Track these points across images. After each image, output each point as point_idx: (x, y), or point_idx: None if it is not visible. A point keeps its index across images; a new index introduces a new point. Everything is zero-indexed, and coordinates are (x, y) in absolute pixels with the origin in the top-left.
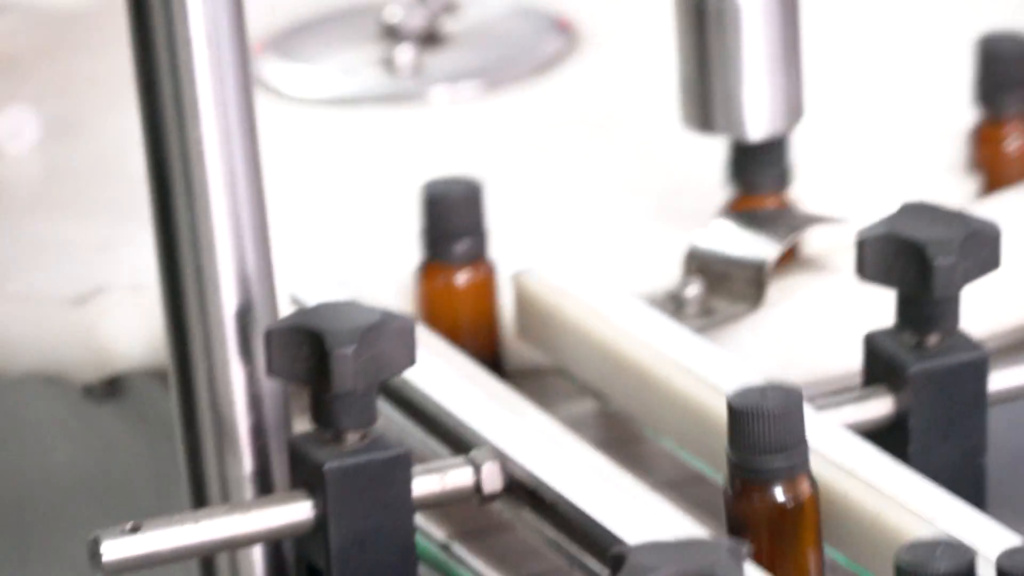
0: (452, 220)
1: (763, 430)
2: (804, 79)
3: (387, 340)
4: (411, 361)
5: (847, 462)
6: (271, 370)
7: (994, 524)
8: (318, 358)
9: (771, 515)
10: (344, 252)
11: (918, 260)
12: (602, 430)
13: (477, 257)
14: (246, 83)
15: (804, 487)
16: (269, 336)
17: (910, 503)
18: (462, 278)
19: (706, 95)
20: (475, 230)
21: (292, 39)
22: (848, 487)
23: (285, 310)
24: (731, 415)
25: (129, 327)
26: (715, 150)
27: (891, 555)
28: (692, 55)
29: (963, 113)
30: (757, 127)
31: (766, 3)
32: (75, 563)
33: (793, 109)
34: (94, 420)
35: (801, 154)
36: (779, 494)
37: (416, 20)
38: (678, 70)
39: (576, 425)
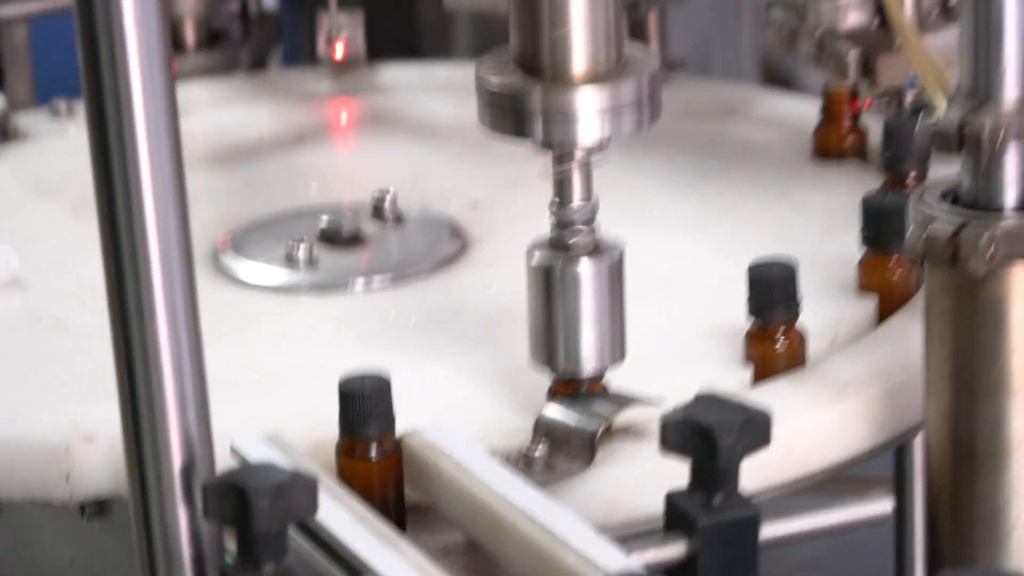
0: (365, 412)
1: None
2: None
3: (295, 494)
4: (314, 510)
5: None
6: (207, 514)
7: None
8: (242, 507)
9: None
10: (277, 413)
11: (707, 440)
12: (469, 557)
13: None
14: (191, 291)
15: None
16: (205, 489)
17: None
18: (374, 452)
19: (551, 342)
20: (386, 417)
21: (247, 237)
22: None
23: (226, 458)
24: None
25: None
26: None
27: None
28: (541, 309)
29: (740, 321)
30: (589, 365)
31: (598, 272)
32: None
33: (619, 350)
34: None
35: None
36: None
37: (345, 225)
38: (528, 321)
39: (448, 551)
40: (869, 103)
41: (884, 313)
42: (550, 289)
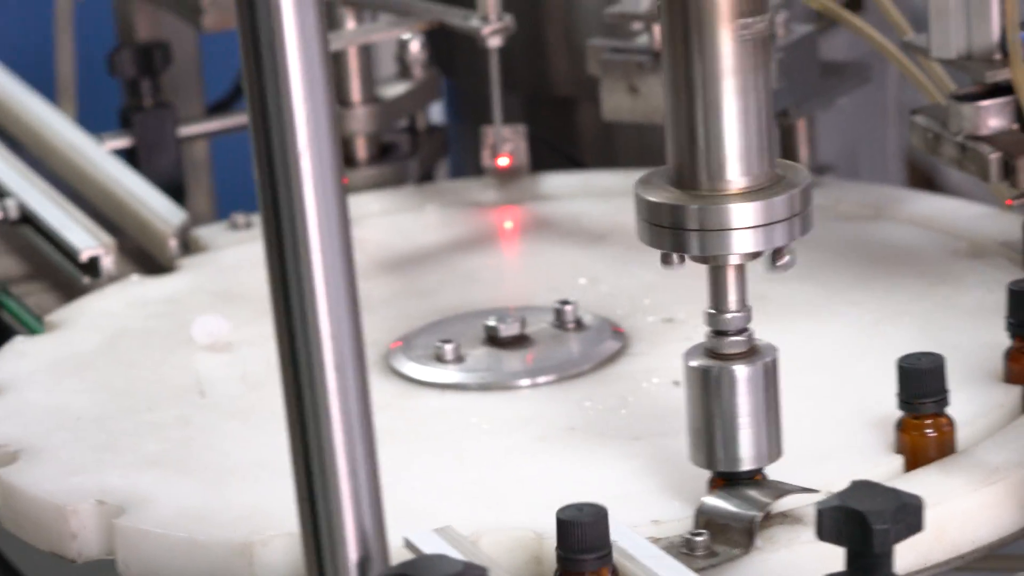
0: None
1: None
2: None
3: None
4: None
5: None
6: None
7: None
8: None
9: None
10: (447, 507)
11: (862, 526)
12: None
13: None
14: (365, 398)
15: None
16: None
17: None
18: None
19: (710, 443)
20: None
21: (418, 338)
22: None
23: (400, 552)
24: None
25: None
26: None
27: None
28: (699, 410)
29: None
30: (747, 464)
31: (753, 376)
32: None
33: (775, 449)
34: None
35: None
36: None
37: (509, 328)
38: (687, 420)
39: None
40: (1010, 203)
41: None
42: (707, 392)
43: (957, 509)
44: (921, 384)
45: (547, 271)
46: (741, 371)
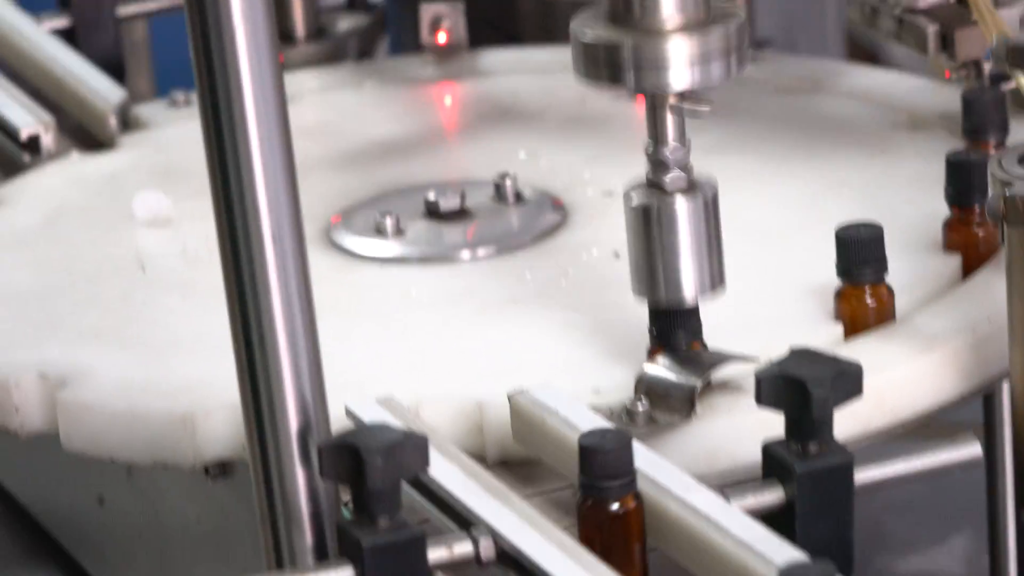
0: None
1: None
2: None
3: (407, 452)
4: (425, 467)
5: (729, 528)
6: (322, 474)
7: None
8: (356, 466)
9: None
10: (389, 378)
11: (801, 392)
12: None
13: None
14: (303, 269)
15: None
16: (320, 450)
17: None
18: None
19: (652, 275)
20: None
21: (357, 213)
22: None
23: (341, 421)
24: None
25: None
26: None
27: None
28: (641, 245)
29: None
30: (690, 294)
31: (693, 208)
32: None
33: (716, 279)
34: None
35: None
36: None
37: (449, 201)
38: (630, 258)
39: (559, 502)
40: (948, 75)
41: (969, 270)
42: (648, 227)
43: (897, 377)
44: (859, 253)
45: (487, 147)
46: (681, 205)
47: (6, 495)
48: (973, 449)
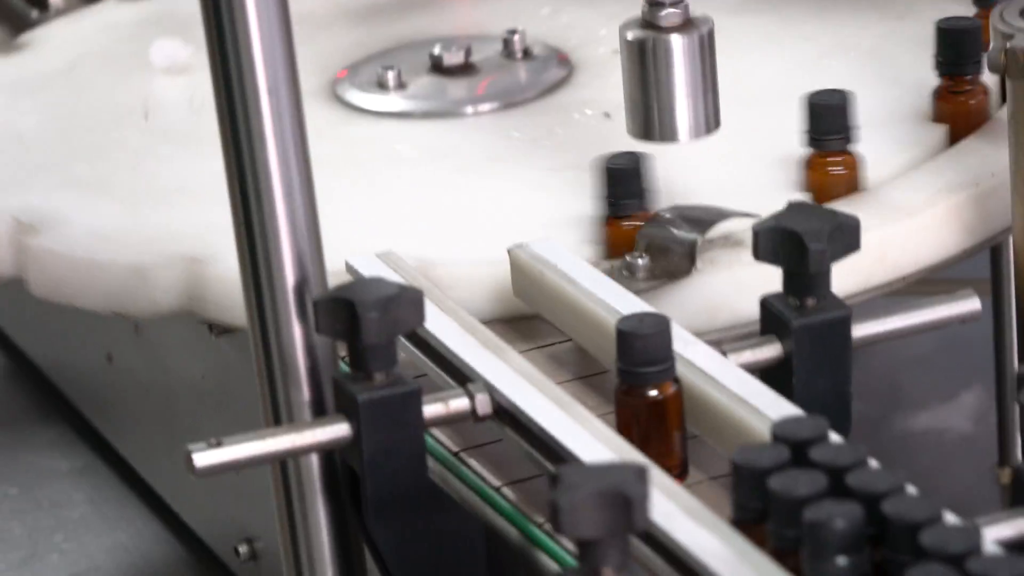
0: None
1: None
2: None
3: (402, 307)
4: (421, 321)
5: (726, 383)
6: (318, 329)
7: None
8: (352, 320)
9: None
10: (395, 229)
11: (798, 245)
12: (576, 362)
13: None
14: (299, 122)
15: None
16: (316, 305)
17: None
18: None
19: (647, 113)
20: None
21: (364, 68)
22: (720, 396)
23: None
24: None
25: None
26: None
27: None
28: (636, 82)
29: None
30: (684, 134)
31: (689, 46)
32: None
33: (712, 120)
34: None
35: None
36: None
37: (453, 56)
38: (624, 96)
39: (557, 357)
40: None
41: (957, 139)
42: (644, 63)
43: (899, 231)
44: (827, 120)
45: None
46: (677, 41)
47: (18, 353)
48: (972, 304)
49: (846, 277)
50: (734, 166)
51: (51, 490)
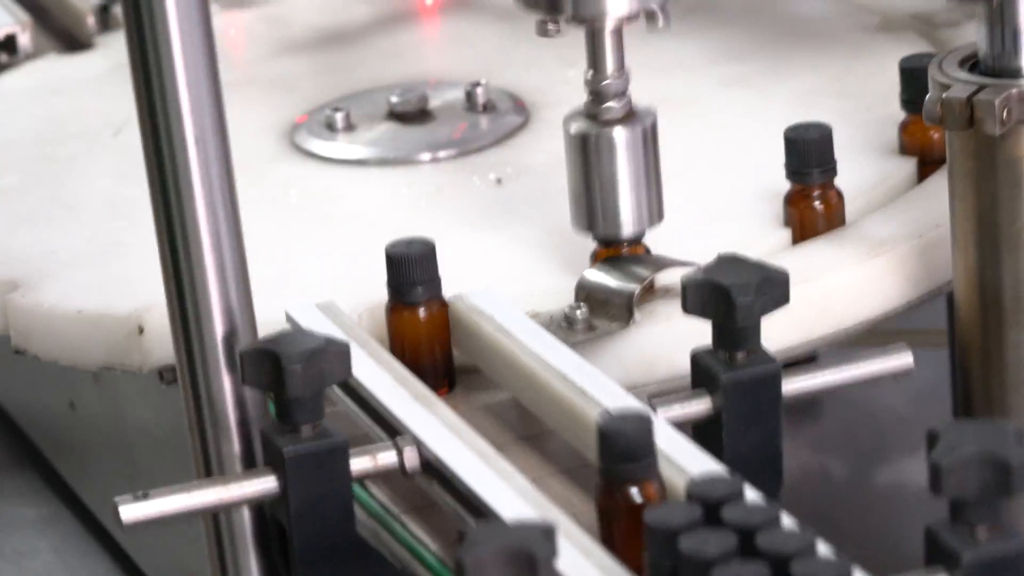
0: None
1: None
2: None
3: (328, 359)
4: (347, 374)
5: None
6: (245, 381)
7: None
8: (276, 373)
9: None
10: (337, 279)
11: (725, 299)
12: (515, 417)
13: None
14: (227, 173)
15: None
16: (242, 356)
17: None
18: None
19: (591, 207)
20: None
21: (323, 115)
22: None
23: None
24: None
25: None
26: None
27: None
28: (579, 175)
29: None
30: (628, 228)
31: (632, 139)
32: None
33: (656, 212)
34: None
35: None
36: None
37: (410, 103)
38: (568, 188)
39: (495, 409)
40: None
41: (926, 174)
42: (587, 156)
43: (843, 282)
44: (808, 154)
45: (458, 47)
46: (620, 135)
47: None
48: (903, 358)
49: (788, 329)
50: (716, 201)
51: (15, 538)
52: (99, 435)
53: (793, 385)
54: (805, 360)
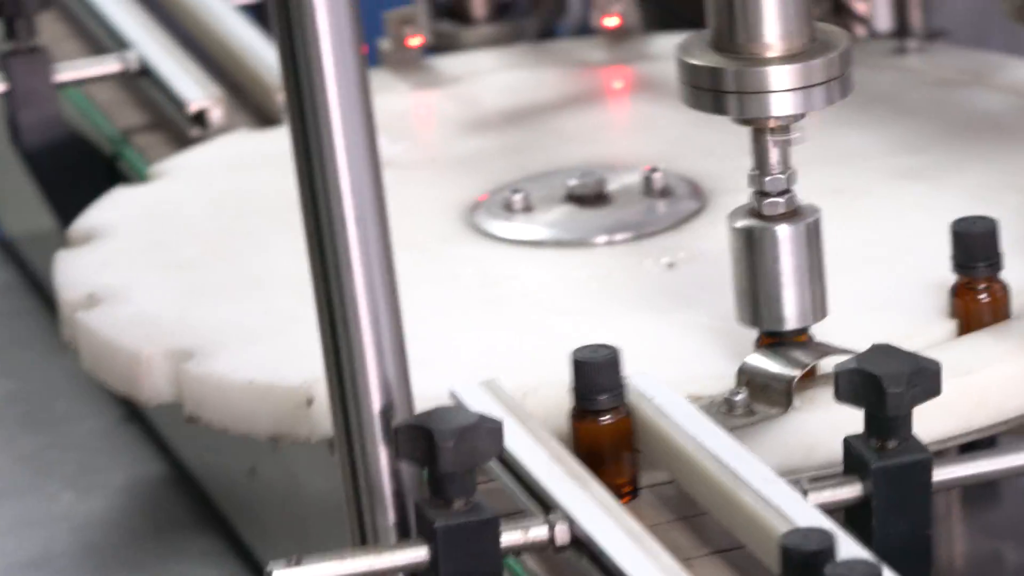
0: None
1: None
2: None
3: (480, 436)
4: (498, 451)
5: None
6: (399, 455)
7: None
8: (429, 448)
9: None
10: (503, 357)
11: (876, 388)
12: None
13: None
14: (386, 250)
15: None
16: (396, 432)
17: None
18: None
19: (755, 302)
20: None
21: (500, 195)
22: None
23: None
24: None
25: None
26: None
27: None
28: (744, 270)
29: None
30: (791, 323)
31: (795, 235)
32: None
33: (819, 308)
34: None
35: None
36: None
37: (588, 186)
38: (734, 284)
39: (653, 490)
40: None
41: None
42: (751, 253)
43: (1001, 375)
44: (974, 248)
45: (644, 131)
46: (783, 231)
47: (178, 463)
48: None
49: (945, 420)
50: (882, 290)
51: None
52: (276, 501)
53: (944, 474)
54: (983, 443)
